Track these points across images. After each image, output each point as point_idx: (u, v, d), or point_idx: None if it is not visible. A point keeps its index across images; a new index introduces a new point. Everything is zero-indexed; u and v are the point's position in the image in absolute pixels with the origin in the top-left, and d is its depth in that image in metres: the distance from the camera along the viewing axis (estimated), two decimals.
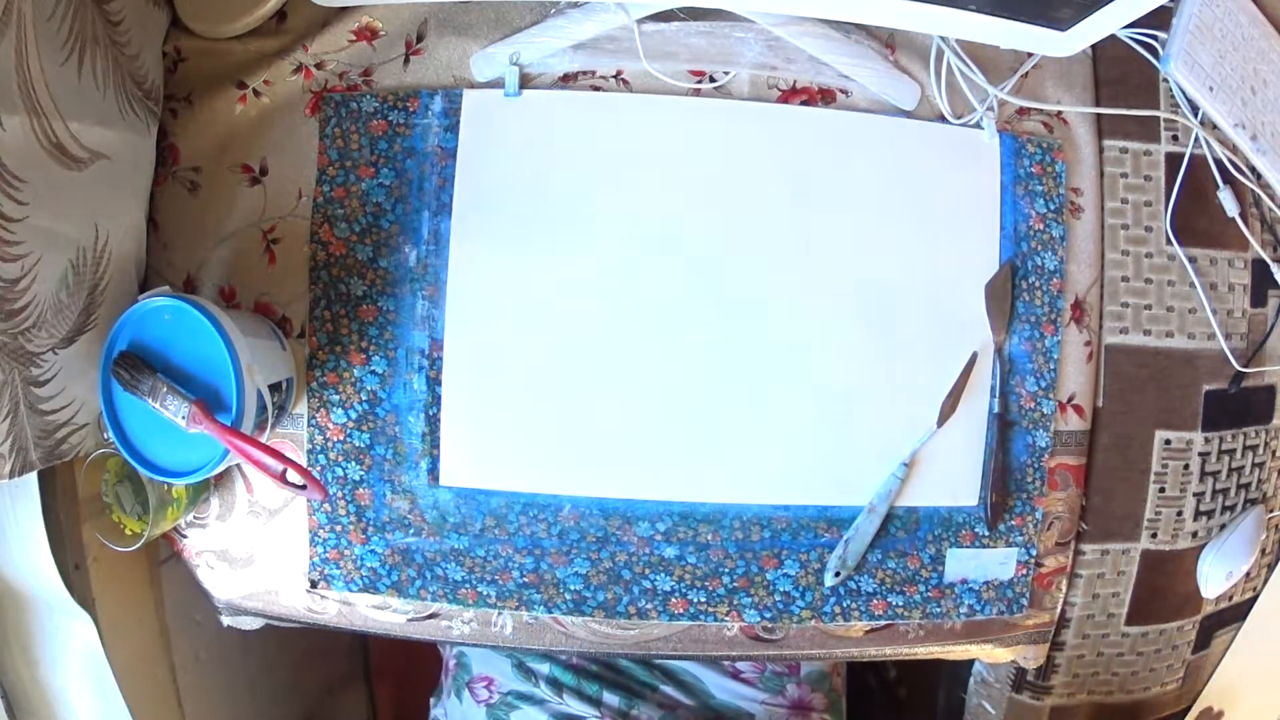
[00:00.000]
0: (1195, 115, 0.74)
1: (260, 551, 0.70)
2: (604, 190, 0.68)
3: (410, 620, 0.71)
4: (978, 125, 0.71)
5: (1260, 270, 0.76)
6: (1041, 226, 0.72)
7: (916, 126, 0.71)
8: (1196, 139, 0.74)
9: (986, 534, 0.71)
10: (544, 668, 0.81)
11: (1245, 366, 0.75)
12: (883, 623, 0.72)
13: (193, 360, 0.57)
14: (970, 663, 0.83)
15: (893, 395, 0.70)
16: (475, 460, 0.68)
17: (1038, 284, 0.71)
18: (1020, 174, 0.71)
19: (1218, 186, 0.74)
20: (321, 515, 0.69)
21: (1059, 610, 0.75)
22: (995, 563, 0.72)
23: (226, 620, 0.73)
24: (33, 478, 0.60)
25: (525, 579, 0.69)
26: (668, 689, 0.82)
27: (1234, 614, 0.82)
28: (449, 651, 0.90)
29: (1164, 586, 0.77)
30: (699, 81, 0.69)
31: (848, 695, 0.93)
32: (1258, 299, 0.76)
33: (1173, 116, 0.74)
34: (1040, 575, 0.73)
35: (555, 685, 0.80)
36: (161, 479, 0.59)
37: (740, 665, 0.85)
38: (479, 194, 0.68)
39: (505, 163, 0.68)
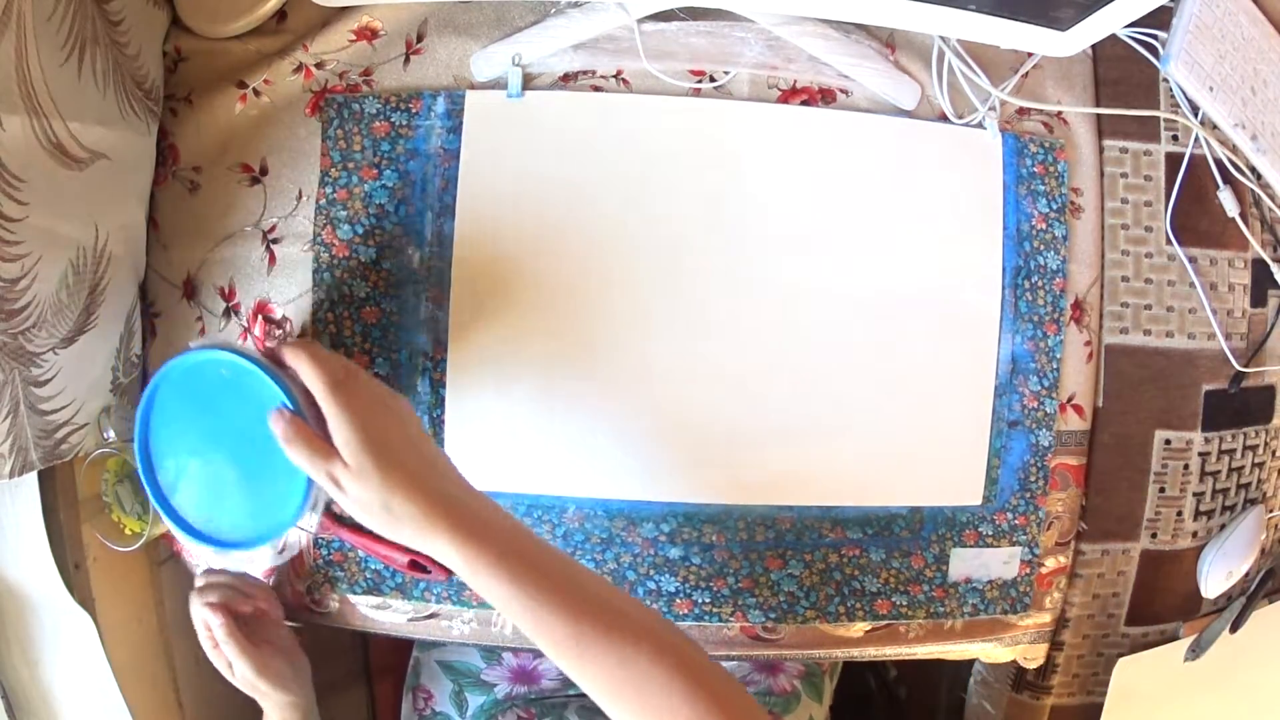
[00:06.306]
0: (1195, 115, 0.74)
1: (260, 551, 0.70)
2: (605, 191, 0.68)
3: (410, 620, 0.70)
4: (979, 125, 0.71)
5: (1260, 270, 0.76)
6: (1044, 226, 0.72)
7: (917, 126, 0.71)
8: (1196, 139, 0.74)
9: (990, 533, 0.72)
10: (480, 699, 0.81)
11: (1245, 366, 0.75)
12: (885, 623, 0.72)
13: (242, 418, 0.54)
14: (970, 663, 0.83)
15: (895, 395, 0.70)
16: (479, 462, 0.68)
17: (1040, 284, 0.71)
18: (1023, 174, 0.71)
19: (1218, 186, 0.74)
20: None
21: (1059, 610, 0.75)
22: (999, 562, 0.72)
23: None
24: (32, 478, 0.60)
25: None
26: None
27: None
28: (415, 648, 0.89)
29: (1164, 586, 0.77)
30: (699, 81, 0.69)
31: (848, 696, 0.93)
32: (1258, 299, 0.76)
33: (1173, 116, 0.74)
34: (1040, 575, 0.73)
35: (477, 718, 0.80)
36: (221, 549, 0.59)
37: None
38: (482, 195, 0.67)
39: (508, 164, 0.68)
